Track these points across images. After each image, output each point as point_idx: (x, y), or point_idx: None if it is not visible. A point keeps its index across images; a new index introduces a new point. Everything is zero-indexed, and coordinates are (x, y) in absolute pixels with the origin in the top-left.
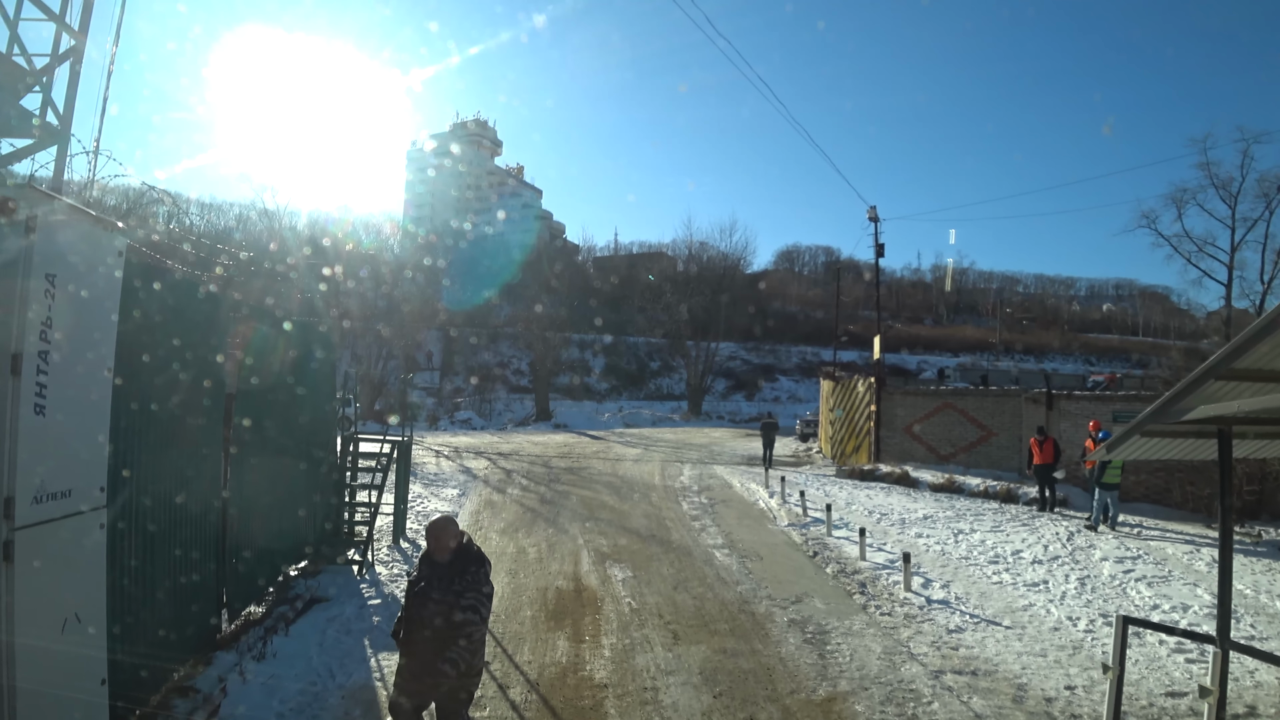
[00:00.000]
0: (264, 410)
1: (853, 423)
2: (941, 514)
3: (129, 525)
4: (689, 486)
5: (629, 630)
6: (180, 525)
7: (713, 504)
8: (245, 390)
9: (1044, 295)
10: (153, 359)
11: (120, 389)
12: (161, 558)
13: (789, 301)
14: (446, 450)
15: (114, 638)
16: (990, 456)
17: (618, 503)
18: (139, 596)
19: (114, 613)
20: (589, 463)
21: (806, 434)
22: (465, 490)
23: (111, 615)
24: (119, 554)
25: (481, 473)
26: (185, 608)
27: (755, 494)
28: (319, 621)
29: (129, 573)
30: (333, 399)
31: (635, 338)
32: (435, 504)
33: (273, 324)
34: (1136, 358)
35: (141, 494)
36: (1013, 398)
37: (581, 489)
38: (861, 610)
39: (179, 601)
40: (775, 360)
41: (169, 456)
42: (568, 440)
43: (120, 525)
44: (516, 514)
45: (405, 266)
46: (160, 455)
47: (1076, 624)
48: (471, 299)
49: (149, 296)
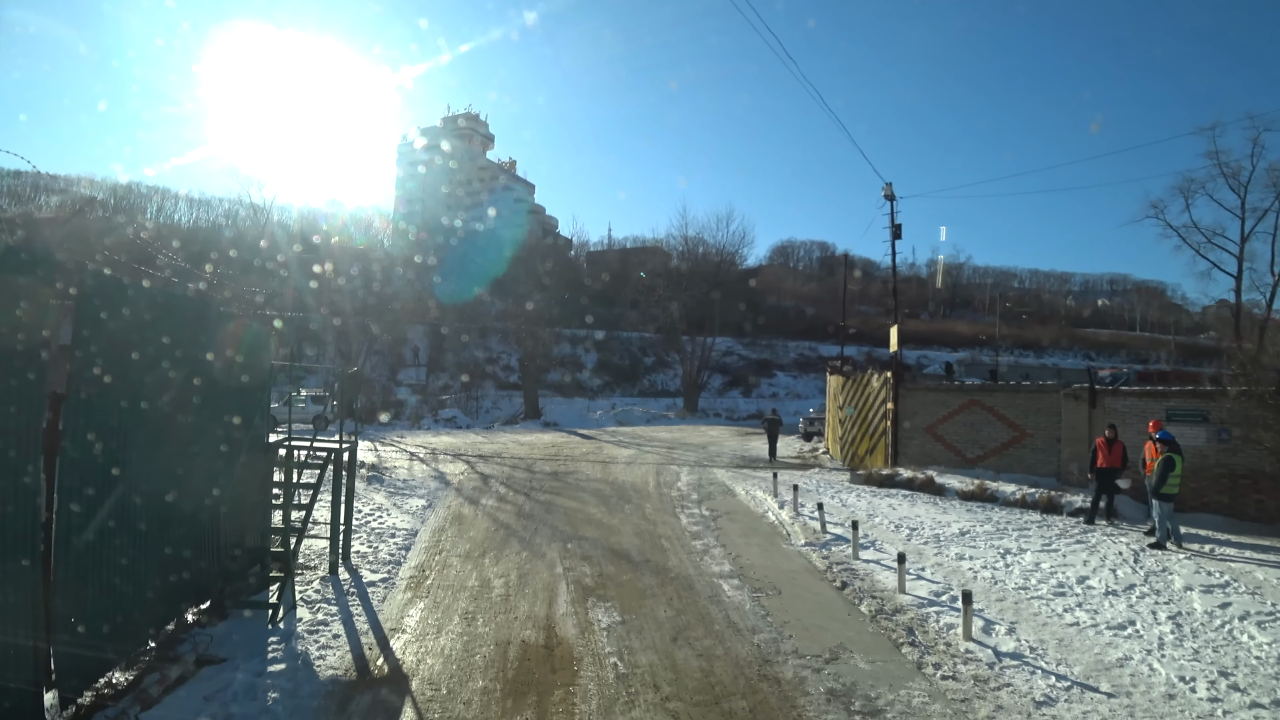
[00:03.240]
0: (125, 415)
1: (866, 422)
2: (979, 528)
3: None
4: (687, 495)
5: (613, 714)
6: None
7: (715, 517)
8: (93, 390)
9: (1039, 290)
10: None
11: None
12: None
13: (784, 296)
14: (423, 452)
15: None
16: (1024, 460)
17: (606, 516)
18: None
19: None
20: (577, 466)
21: (811, 433)
22: (433, 500)
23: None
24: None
25: (456, 479)
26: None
27: (763, 504)
28: (194, 700)
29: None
30: (259, 399)
31: (629, 333)
32: (396, 518)
33: (140, 310)
34: (1135, 352)
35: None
36: (1049, 394)
37: (566, 498)
38: (917, 671)
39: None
40: (772, 355)
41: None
42: (556, 440)
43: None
44: (487, 531)
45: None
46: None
47: (1194, 687)
48: (461, 294)
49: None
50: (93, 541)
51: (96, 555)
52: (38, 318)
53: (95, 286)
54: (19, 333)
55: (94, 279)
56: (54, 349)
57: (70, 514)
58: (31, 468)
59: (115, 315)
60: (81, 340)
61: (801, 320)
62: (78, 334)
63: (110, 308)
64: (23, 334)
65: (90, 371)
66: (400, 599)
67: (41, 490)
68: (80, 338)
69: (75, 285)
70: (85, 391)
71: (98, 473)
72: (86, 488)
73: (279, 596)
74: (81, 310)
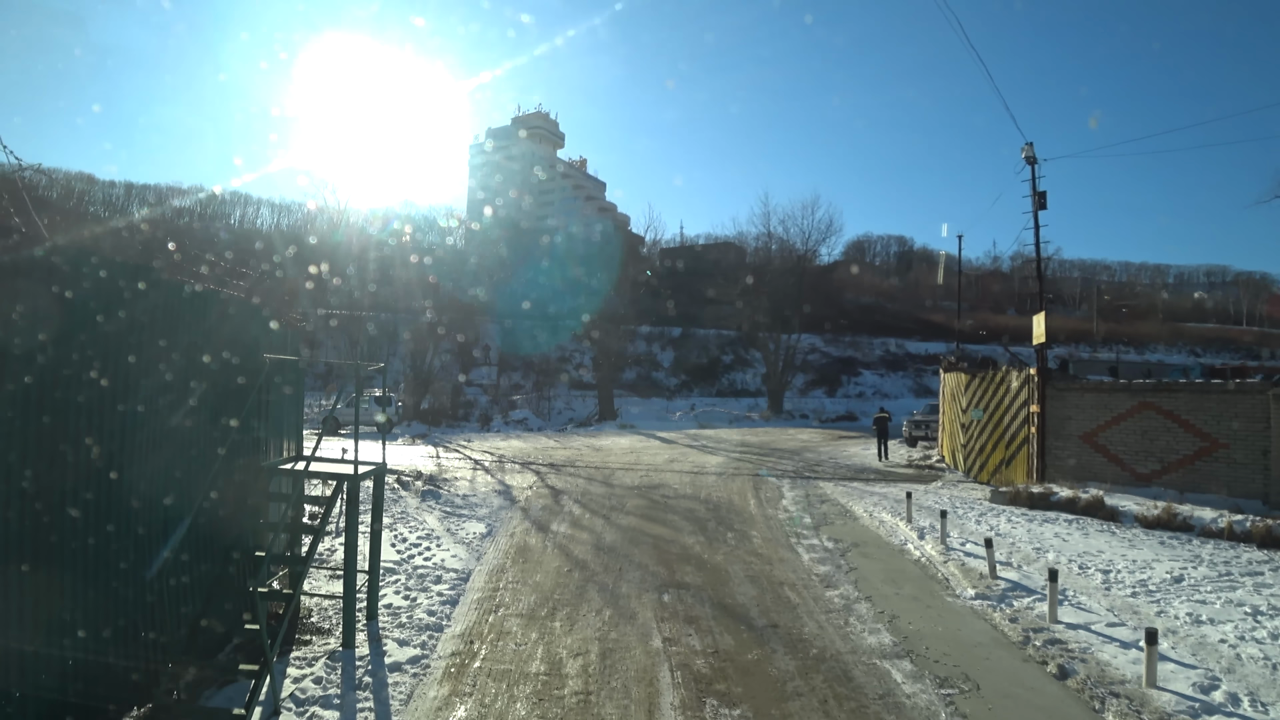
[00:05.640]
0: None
1: (1001, 427)
2: (1193, 572)
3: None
4: (798, 517)
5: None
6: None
7: (843, 550)
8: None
9: (1133, 283)
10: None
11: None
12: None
13: (861, 292)
14: (489, 460)
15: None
16: (1217, 476)
17: (707, 549)
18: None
19: None
20: (662, 477)
21: (916, 437)
22: (494, 525)
23: None
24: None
25: (523, 494)
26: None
27: (896, 531)
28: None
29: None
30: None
31: (705, 330)
32: (447, 551)
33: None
34: (1245, 348)
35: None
36: (1250, 395)
37: (654, 522)
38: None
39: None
40: (857, 353)
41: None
42: (635, 445)
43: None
44: (558, 574)
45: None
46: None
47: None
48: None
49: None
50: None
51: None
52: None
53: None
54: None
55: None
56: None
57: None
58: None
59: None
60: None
61: (883, 316)
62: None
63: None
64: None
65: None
66: (433, 697)
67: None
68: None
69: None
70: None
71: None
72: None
73: (252, 698)
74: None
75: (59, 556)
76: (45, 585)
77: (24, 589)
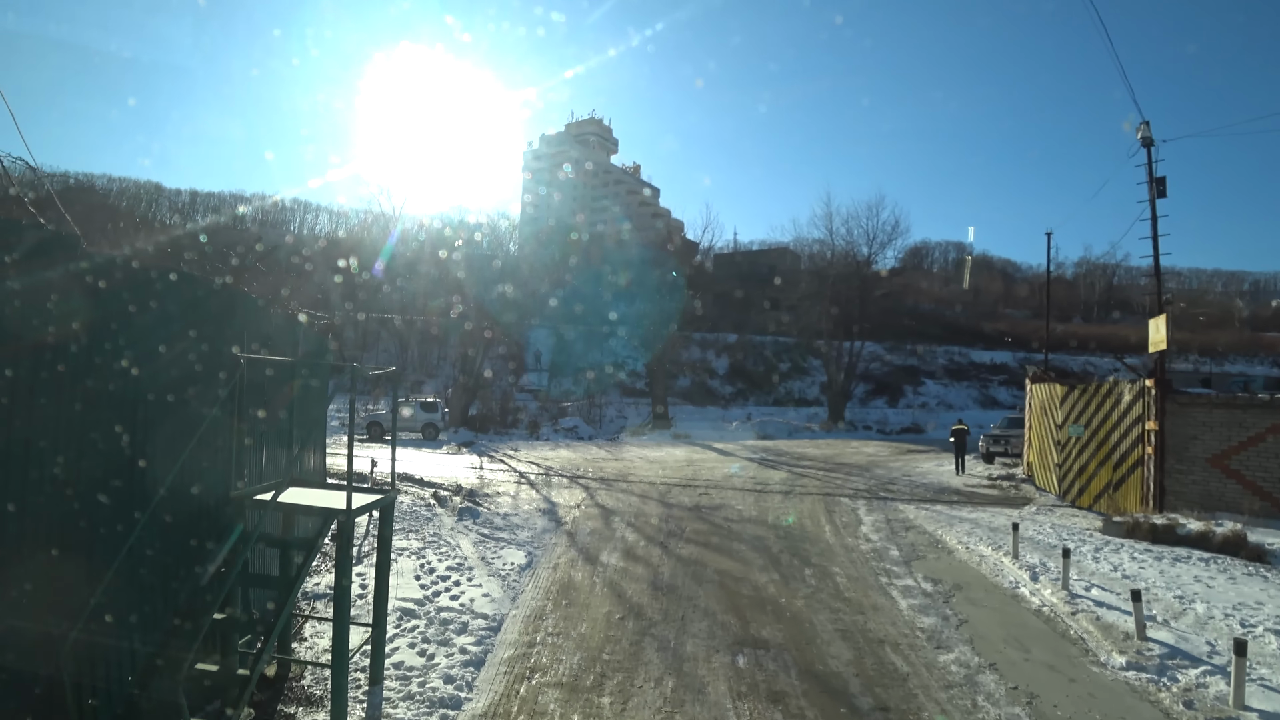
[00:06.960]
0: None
1: (1107, 446)
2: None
3: None
4: (883, 549)
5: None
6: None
7: (945, 595)
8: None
9: (1205, 290)
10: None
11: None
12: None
13: (920, 299)
14: (535, 472)
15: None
16: None
17: (783, 591)
18: None
19: None
20: (723, 496)
21: (994, 452)
22: (535, 555)
23: None
24: None
25: (570, 515)
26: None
27: (999, 567)
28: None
29: None
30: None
31: (761, 336)
32: (479, 586)
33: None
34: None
35: None
36: None
37: (718, 553)
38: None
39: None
40: (919, 362)
41: None
42: (691, 457)
43: None
44: (607, 623)
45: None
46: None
47: None
48: (586, 297)
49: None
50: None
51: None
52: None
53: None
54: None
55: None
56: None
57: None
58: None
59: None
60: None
61: (944, 324)
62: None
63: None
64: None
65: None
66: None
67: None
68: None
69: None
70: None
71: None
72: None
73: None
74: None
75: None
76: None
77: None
